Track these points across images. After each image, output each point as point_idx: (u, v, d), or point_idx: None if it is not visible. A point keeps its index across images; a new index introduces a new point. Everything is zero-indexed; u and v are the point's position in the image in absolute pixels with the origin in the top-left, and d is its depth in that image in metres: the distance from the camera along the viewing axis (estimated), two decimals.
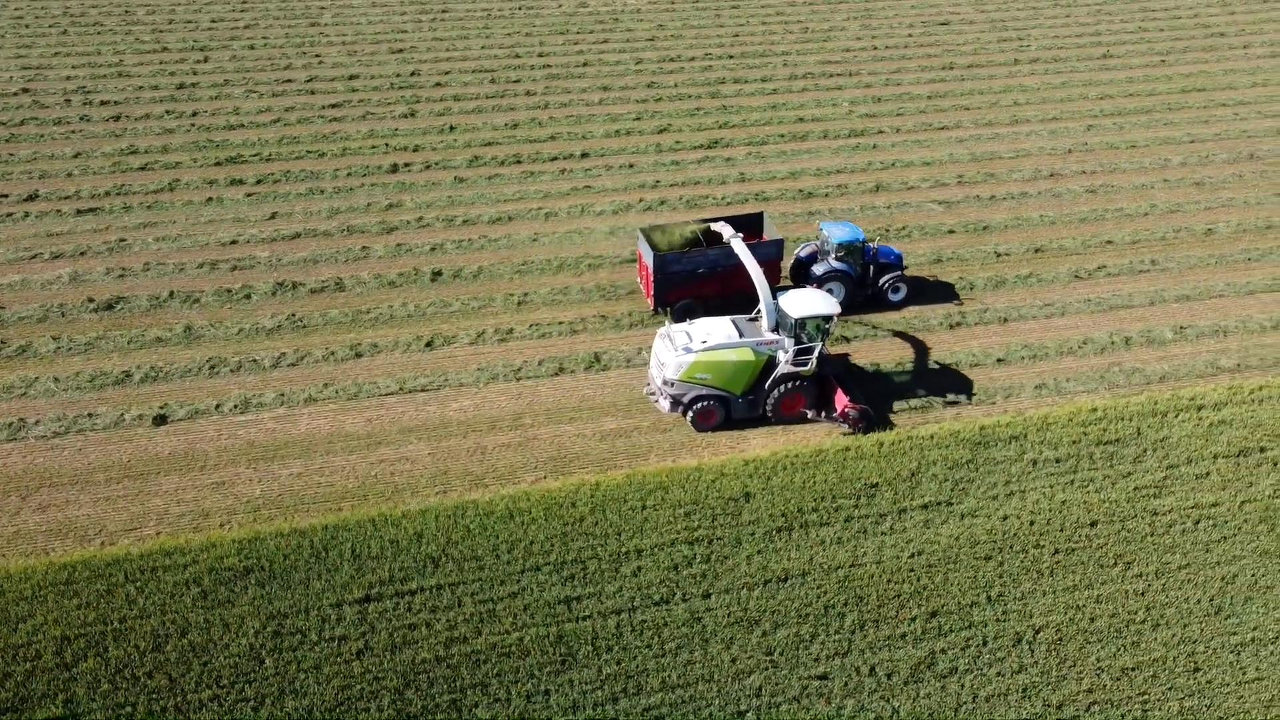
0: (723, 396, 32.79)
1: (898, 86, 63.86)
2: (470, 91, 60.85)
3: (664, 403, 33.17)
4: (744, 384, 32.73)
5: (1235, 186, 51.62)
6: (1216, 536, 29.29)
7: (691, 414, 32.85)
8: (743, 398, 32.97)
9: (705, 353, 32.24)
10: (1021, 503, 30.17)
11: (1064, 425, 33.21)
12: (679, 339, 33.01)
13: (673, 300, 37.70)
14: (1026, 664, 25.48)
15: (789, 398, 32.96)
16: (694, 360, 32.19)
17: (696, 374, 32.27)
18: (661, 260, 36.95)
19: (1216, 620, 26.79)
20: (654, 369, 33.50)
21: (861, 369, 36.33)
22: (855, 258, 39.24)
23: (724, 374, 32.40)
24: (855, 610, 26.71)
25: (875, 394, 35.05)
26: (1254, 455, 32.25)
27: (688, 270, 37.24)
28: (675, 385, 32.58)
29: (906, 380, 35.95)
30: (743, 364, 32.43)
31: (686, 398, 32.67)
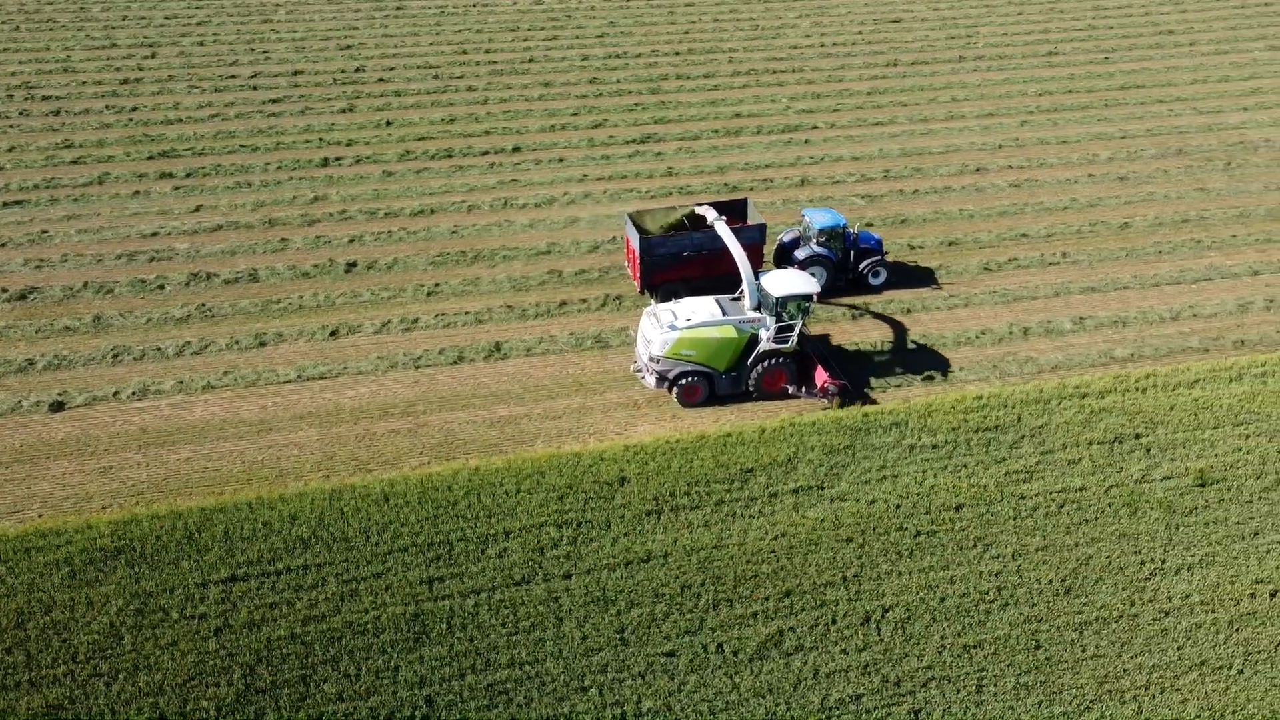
0: (707, 373, 33.87)
1: (839, 83, 64.33)
2: (412, 87, 61.36)
3: (650, 379, 34.10)
4: (727, 361, 33.87)
5: (1159, 181, 52.11)
6: (1078, 520, 29.80)
7: (677, 390, 33.90)
8: (726, 374, 34.07)
9: (690, 330, 33.31)
10: (892, 487, 30.68)
11: (946, 413, 33.73)
12: (664, 317, 33.99)
13: (659, 282, 38.65)
14: (871, 642, 26.00)
15: (771, 374, 34.12)
16: (679, 337, 33.24)
17: (681, 351, 33.35)
18: (648, 243, 37.89)
19: (1064, 600, 27.31)
20: (640, 346, 34.46)
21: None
22: (836, 243, 40.36)
23: (708, 351, 33.49)
24: (711, 590, 27.23)
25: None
26: (1128, 442, 32.76)
27: (673, 253, 38.22)
28: (661, 362, 33.65)
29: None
30: (726, 341, 33.53)
31: (672, 374, 33.71)
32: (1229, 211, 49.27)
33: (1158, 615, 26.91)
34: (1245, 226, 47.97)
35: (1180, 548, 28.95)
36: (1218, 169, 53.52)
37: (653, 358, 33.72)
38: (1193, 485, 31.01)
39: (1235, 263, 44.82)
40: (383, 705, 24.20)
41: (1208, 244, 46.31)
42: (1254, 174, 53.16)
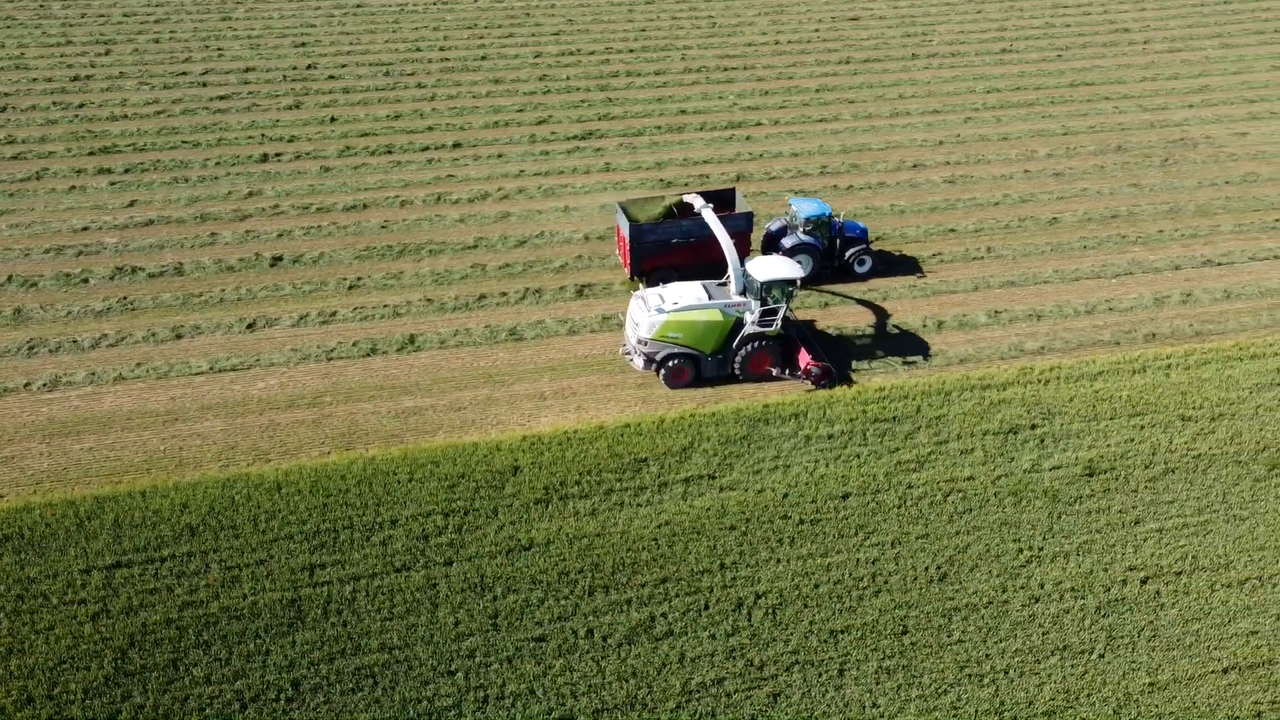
0: (693, 355, 34.66)
1: (789, 80, 64.63)
2: (362, 84, 61.71)
3: (638, 360, 34.93)
4: (713, 343, 34.69)
5: (1094, 178, 52.42)
6: (962, 508, 30.14)
7: (664, 371, 34.68)
8: (712, 356, 34.88)
9: (677, 313, 34.13)
10: (782, 476, 31.02)
11: (846, 404, 34.07)
12: (652, 301, 34.77)
13: (648, 269, 39.44)
14: (740, 627, 26.34)
15: (756, 356, 34.96)
16: (666, 320, 34.04)
17: (668, 333, 34.17)
18: (637, 230, 38.70)
19: (937, 586, 27.66)
20: (629, 329, 35.33)
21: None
22: (822, 232, 41.06)
23: (694, 333, 34.30)
24: (588, 577, 27.59)
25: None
26: (1023, 433, 33.09)
27: (662, 240, 39.01)
28: (649, 344, 34.46)
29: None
30: (712, 324, 34.35)
31: (659, 356, 34.46)
32: (1160, 207, 49.59)
33: (1027, 601, 27.25)
34: (1174, 222, 48.29)
35: (1060, 536, 29.29)
36: (1154, 165, 53.81)
37: (640, 340, 34.55)
38: (1081, 475, 31.34)
39: (1158, 258, 45.14)
40: (249, 688, 24.56)
41: (1133, 239, 46.62)
42: (1190, 171, 53.46)
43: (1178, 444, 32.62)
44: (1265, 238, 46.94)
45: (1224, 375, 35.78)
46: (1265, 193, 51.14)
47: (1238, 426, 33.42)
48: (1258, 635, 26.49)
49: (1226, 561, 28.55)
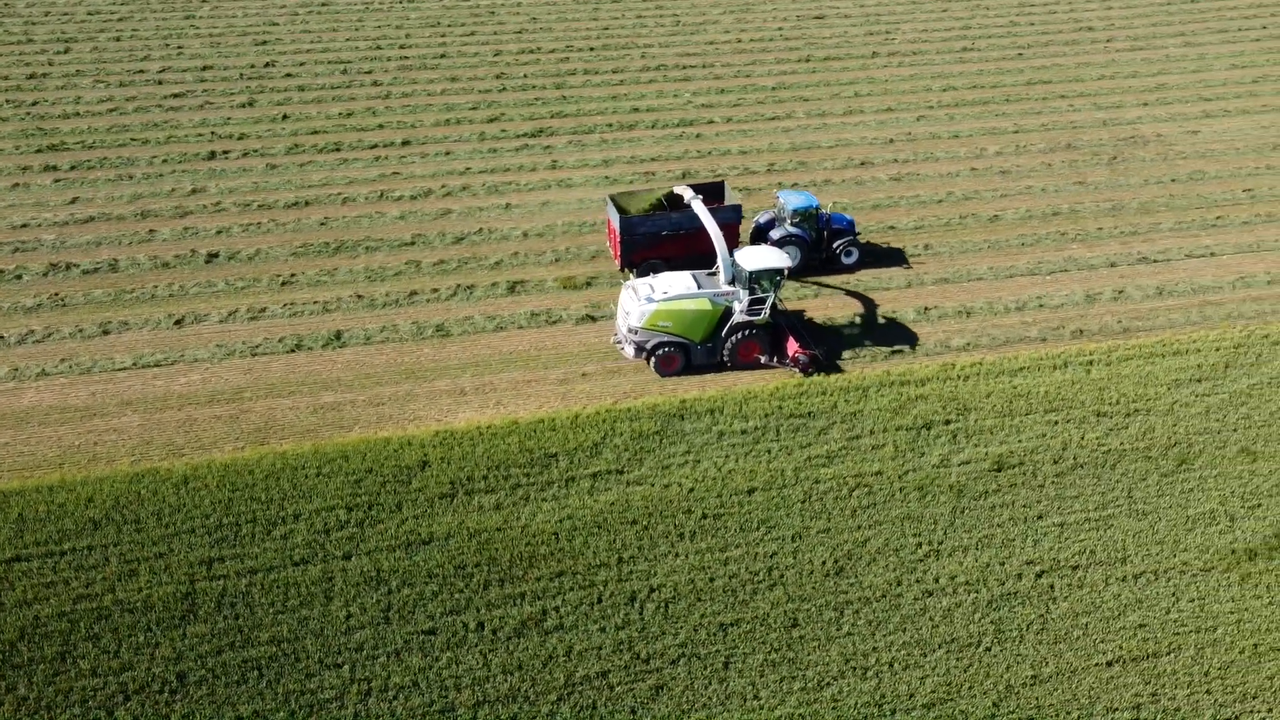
0: (683, 343, 35.26)
1: (746, 78, 64.73)
2: (318, 82, 61.84)
3: (629, 349, 35.53)
4: (702, 332, 35.26)
5: (1040, 175, 52.52)
6: (866, 503, 30.24)
7: (654, 359, 35.27)
8: (701, 344, 35.48)
9: (666, 302, 34.71)
10: (691, 471, 31.13)
11: (764, 399, 34.15)
12: (642, 290, 35.43)
13: (639, 260, 39.98)
14: (631, 620, 26.46)
15: (744, 344, 35.56)
16: (656, 309, 34.62)
17: (658, 322, 34.77)
18: (628, 223, 39.34)
19: (832, 580, 27.77)
20: (620, 318, 35.98)
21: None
22: (810, 223, 41.59)
23: (683, 322, 34.88)
24: (485, 571, 27.71)
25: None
26: (937, 428, 33.20)
27: (652, 232, 39.65)
28: (639, 333, 35.04)
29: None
30: (701, 313, 34.92)
31: (649, 344, 35.06)
32: (1102, 205, 49.68)
33: (920, 595, 27.36)
34: (1115, 220, 48.39)
35: (961, 530, 29.39)
36: (1102, 163, 53.89)
37: (631, 329, 35.11)
38: (989, 470, 31.44)
39: (1095, 255, 45.24)
40: (134, 681, 24.69)
41: (1072, 237, 46.72)
42: (1137, 168, 53.56)
43: (1089, 439, 32.72)
44: (1205, 235, 47.05)
45: (1144, 372, 35.89)
46: (1210, 190, 51.22)
47: (1151, 422, 33.51)
48: (1145, 629, 26.59)
49: (1124, 555, 28.65)
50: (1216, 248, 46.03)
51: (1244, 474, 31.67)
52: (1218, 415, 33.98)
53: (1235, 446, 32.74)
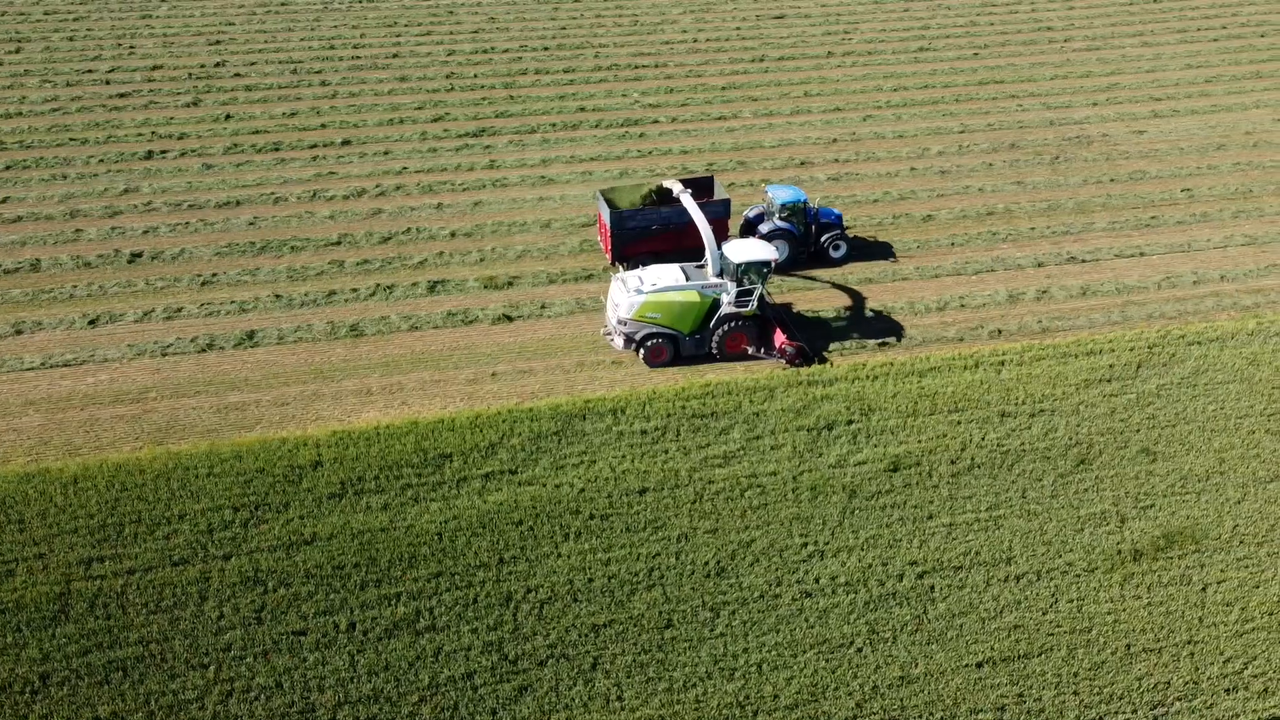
0: (672, 335, 35.75)
1: (697, 78, 64.61)
2: (266, 82, 61.76)
3: (618, 340, 36.03)
4: (691, 323, 35.76)
5: (980, 175, 52.38)
6: (757, 504, 30.12)
7: (644, 350, 35.72)
8: (690, 336, 36.00)
9: (655, 294, 35.17)
10: (585, 471, 31.02)
11: (668, 400, 34.03)
12: (631, 282, 35.86)
13: (629, 254, 40.67)
14: (504, 621, 26.36)
15: (732, 336, 36.03)
16: (644, 301, 35.06)
17: (647, 313, 35.21)
18: (618, 217, 40.04)
19: (712, 581, 27.65)
20: (609, 310, 36.41)
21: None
22: (798, 218, 41.99)
23: (672, 313, 35.35)
24: (363, 571, 27.61)
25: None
26: (838, 428, 33.07)
27: (642, 226, 40.46)
28: (628, 324, 35.53)
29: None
30: (689, 304, 35.40)
31: (639, 335, 35.56)
32: (1039, 205, 49.55)
33: (798, 596, 27.24)
34: (1048, 219, 48.27)
35: (849, 531, 29.27)
36: (1044, 163, 53.74)
37: (620, 320, 35.55)
38: (884, 470, 31.33)
39: (1024, 254, 45.12)
40: None
41: (1003, 236, 46.61)
42: (1079, 168, 53.44)
43: (989, 440, 32.60)
44: (1137, 235, 46.93)
45: (1055, 372, 35.76)
46: (1148, 190, 51.10)
47: (1055, 422, 33.39)
48: (1020, 630, 26.47)
49: (1008, 556, 28.53)
50: (1147, 247, 45.89)
51: (1141, 474, 31.54)
52: (1123, 416, 33.85)
53: (1136, 447, 32.61)
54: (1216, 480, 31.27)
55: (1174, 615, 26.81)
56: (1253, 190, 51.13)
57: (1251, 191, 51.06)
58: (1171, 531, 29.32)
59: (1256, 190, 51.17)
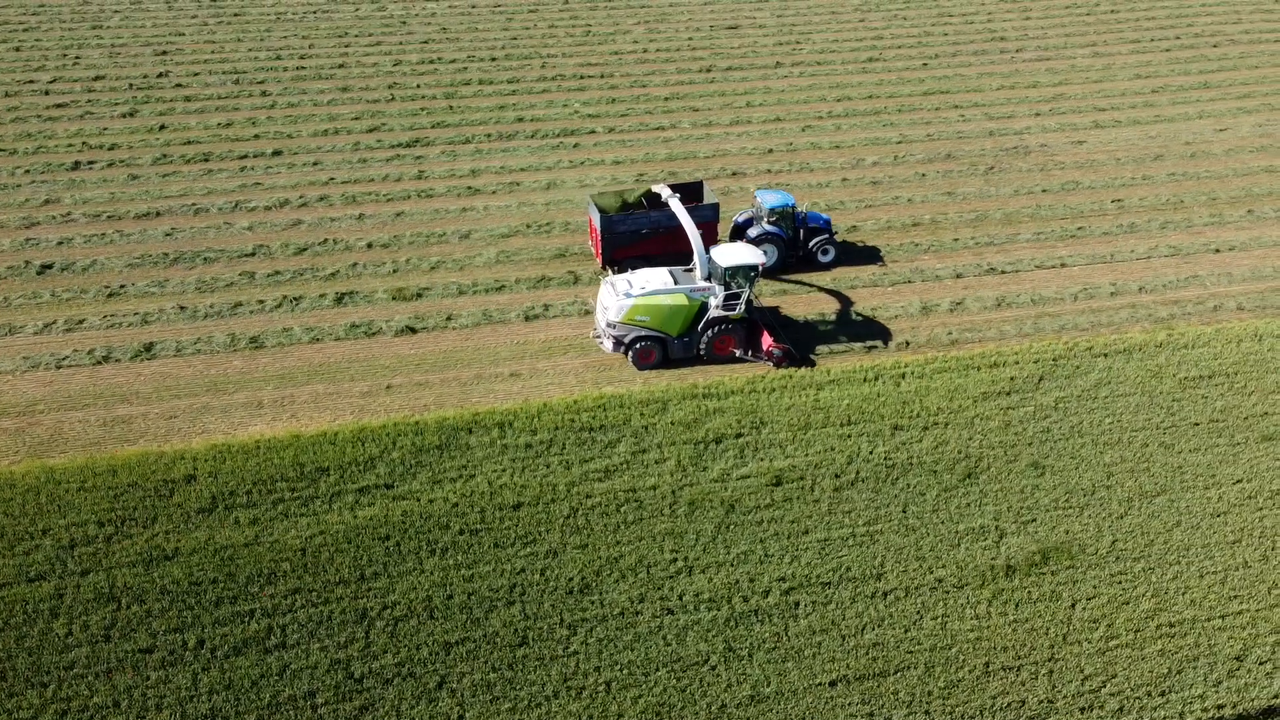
0: (660, 337, 36.13)
1: (643, 89, 64.40)
2: (207, 93, 61.57)
3: (607, 343, 36.32)
4: (679, 326, 36.15)
5: (911, 185, 52.10)
6: (632, 518, 29.76)
7: (632, 353, 36.09)
8: (678, 339, 36.35)
9: (643, 297, 35.58)
10: (463, 486, 30.66)
11: (558, 412, 33.68)
12: (620, 286, 36.27)
13: (619, 258, 41.14)
14: (355, 639, 25.98)
15: (720, 339, 36.50)
16: (633, 304, 35.46)
17: (636, 316, 35.60)
18: (608, 221, 40.53)
19: (574, 598, 27.28)
20: (598, 314, 36.74)
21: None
22: (787, 222, 42.47)
23: (660, 316, 35.74)
24: (220, 588, 27.25)
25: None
26: (726, 442, 32.72)
27: (632, 230, 41.01)
28: (617, 327, 35.86)
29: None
30: (677, 308, 35.81)
31: (628, 338, 35.84)
32: (966, 215, 49.25)
33: (659, 613, 26.85)
34: (974, 229, 47.98)
35: (721, 546, 28.87)
36: (978, 174, 53.43)
37: (609, 323, 35.90)
38: (767, 484, 30.96)
39: (944, 265, 44.80)
40: None
41: (925, 247, 46.28)
42: (1013, 178, 53.16)
43: (877, 453, 32.21)
44: (1061, 246, 46.62)
45: (954, 384, 35.40)
46: (1078, 201, 50.80)
47: (946, 435, 33.01)
48: (879, 647, 26.07)
49: (879, 572, 28.13)
50: (1069, 259, 45.57)
51: (1027, 489, 31.15)
52: (1017, 429, 33.48)
53: (1025, 461, 32.23)
54: (1102, 494, 30.86)
55: (1037, 632, 26.38)
56: (1184, 201, 50.80)
57: (1183, 202, 50.72)
58: (1049, 547, 28.90)
59: (1188, 201, 50.84)
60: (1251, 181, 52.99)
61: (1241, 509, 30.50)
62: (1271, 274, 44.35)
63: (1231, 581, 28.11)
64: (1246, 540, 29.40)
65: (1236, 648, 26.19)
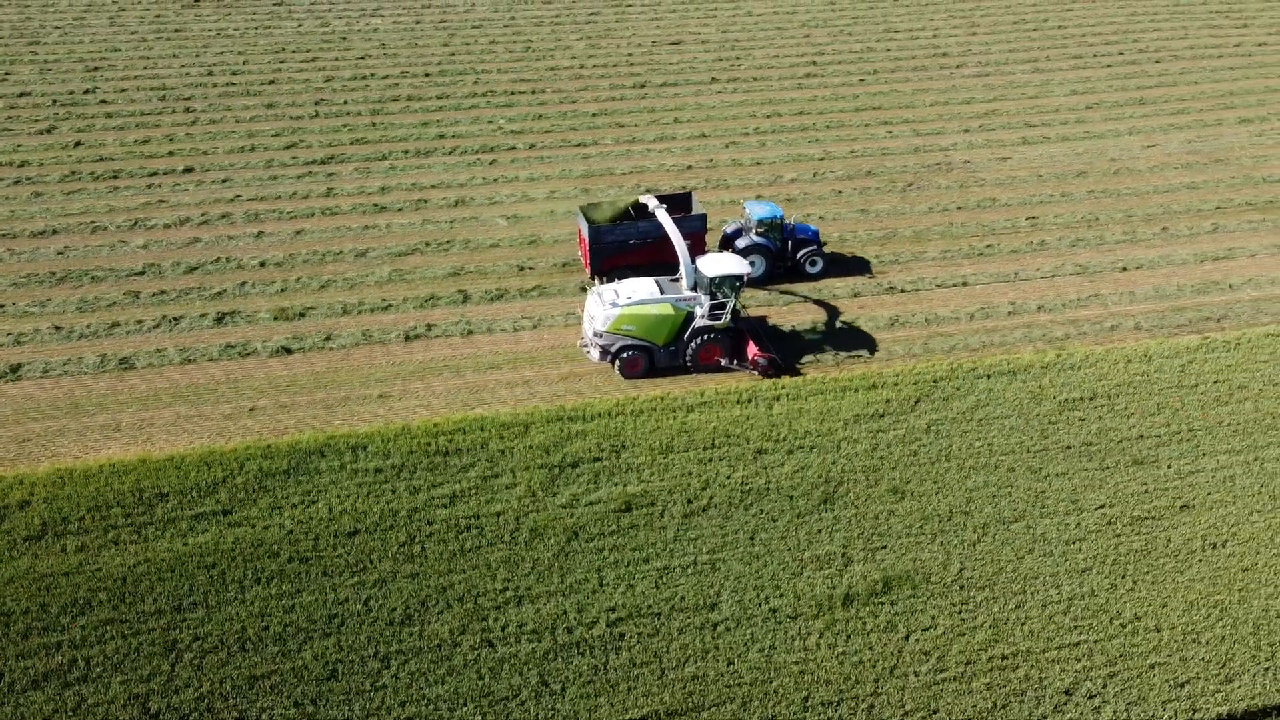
0: (646, 347, 36.40)
1: (571, 104, 63.91)
2: (130, 109, 61.12)
3: (594, 352, 36.73)
4: (665, 335, 36.39)
5: (825, 203, 51.52)
6: (470, 546, 29.09)
7: (619, 362, 36.37)
8: (664, 348, 36.64)
9: (630, 307, 35.92)
10: (303, 512, 29.97)
11: (416, 436, 33.00)
12: (607, 295, 36.63)
13: (607, 268, 41.43)
14: (160, 672, 25.29)
15: (706, 348, 36.74)
16: (620, 314, 35.78)
17: (622, 326, 35.95)
18: (596, 232, 41.03)
19: (395, 629, 26.59)
20: (586, 323, 37.15)
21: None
22: (774, 233, 42.89)
23: (646, 326, 36.01)
24: (31, 618, 26.56)
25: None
26: (583, 466, 32.04)
27: (620, 241, 41.40)
28: (604, 336, 36.24)
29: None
30: (663, 317, 36.06)
31: (614, 347, 36.17)
32: (875, 233, 48.63)
33: (479, 645, 26.12)
34: (880, 247, 47.34)
35: (556, 575, 28.15)
36: (896, 191, 52.82)
37: (596, 333, 36.25)
38: (616, 510, 30.24)
39: (841, 285, 44.14)
40: None
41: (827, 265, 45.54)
42: (930, 195, 52.57)
43: (735, 478, 31.49)
44: (966, 264, 46.01)
45: (828, 406, 34.68)
46: (992, 218, 50.20)
47: (810, 459, 32.30)
48: (697, 680, 25.30)
49: (714, 602, 27.38)
50: (972, 277, 44.92)
51: (884, 514, 30.42)
52: (883, 452, 32.74)
53: (886, 485, 31.51)
54: (958, 520, 30.11)
55: (864, 665, 25.61)
56: (1099, 218, 50.18)
57: (1098, 220, 50.11)
58: (894, 575, 28.14)
59: (1103, 218, 50.22)
60: (1170, 199, 52.35)
61: (1098, 535, 29.74)
62: (1175, 292, 43.67)
63: (1074, 611, 27.32)
64: (1098, 568, 28.63)
65: (1067, 680, 25.39)
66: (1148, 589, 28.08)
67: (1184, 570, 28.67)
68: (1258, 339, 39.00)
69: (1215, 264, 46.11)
